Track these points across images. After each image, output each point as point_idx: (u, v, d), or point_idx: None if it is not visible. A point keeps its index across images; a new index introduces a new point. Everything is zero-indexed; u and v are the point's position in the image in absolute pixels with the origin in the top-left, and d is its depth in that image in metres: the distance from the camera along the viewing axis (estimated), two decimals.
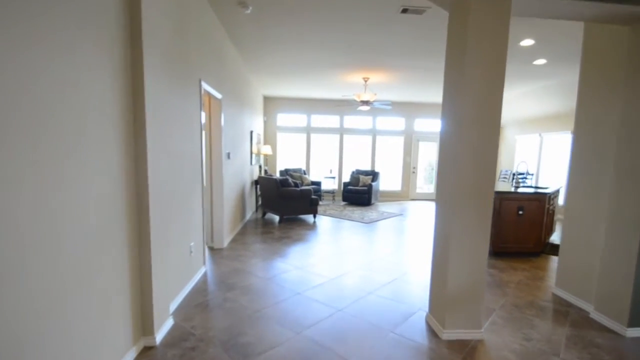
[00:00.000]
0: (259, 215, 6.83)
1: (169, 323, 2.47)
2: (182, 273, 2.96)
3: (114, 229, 1.84)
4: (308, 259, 4.05)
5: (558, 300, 3.04)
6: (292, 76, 6.63)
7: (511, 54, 4.78)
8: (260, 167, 7.12)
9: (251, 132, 6.76)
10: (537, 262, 4.08)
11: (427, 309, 2.74)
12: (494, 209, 4.15)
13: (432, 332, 2.40)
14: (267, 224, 5.96)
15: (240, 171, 5.71)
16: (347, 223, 6.24)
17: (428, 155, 9.97)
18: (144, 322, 2.22)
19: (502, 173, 8.34)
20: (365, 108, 6.88)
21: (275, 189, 5.89)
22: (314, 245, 4.64)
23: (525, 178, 7.20)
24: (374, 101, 6.85)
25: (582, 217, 2.95)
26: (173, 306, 2.71)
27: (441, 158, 2.43)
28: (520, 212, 4.11)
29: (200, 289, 3.11)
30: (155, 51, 2.17)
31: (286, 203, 5.98)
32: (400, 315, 2.64)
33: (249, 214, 6.66)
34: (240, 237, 5.03)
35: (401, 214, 7.35)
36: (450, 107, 2.30)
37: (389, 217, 6.91)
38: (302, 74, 6.44)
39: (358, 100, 6.78)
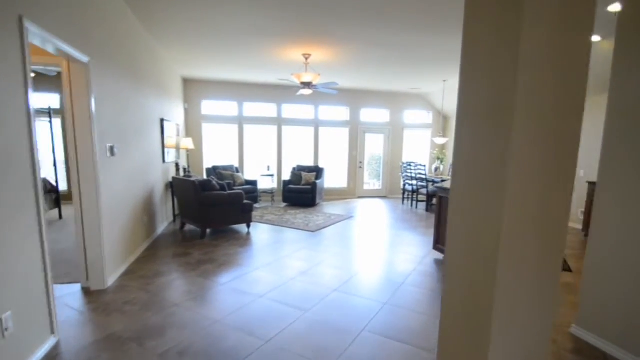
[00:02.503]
0: (178, 226, 5.34)
1: None
2: None
3: None
4: (236, 299, 2.84)
5: (586, 348, 2.21)
6: (215, 50, 5.21)
7: None
8: (177, 165, 5.61)
9: (161, 121, 5.20)
10: None
11: None
12: None
13: None
14: (185, 240, 4.55)
15: (142, 172, 4.20)
16: (289, 233, 5.12)
17: (374, 149, 9.31)
18: None
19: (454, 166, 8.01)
20: (307, 92, 5.79)
21: (194, 194, 4.49)
22: (246, 273, 3.43)
23: None
24: (318, 84, 5.79)
25: (619, 231, 2.15)
26: None
27: (461, 173, 1.38)
28: None
29: None
30: None
31: (210, 212, 4.63)
32: None
33: (163, 227, 5.14)
34: (140, 265, 3.58)
35: (351, 216, 6.47)
36: (482, 85, 1.25)
37: (338, 222, 5.97)
38: (228, 48, 5.07)
39: (298, 82, 5.65)
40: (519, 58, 1.09)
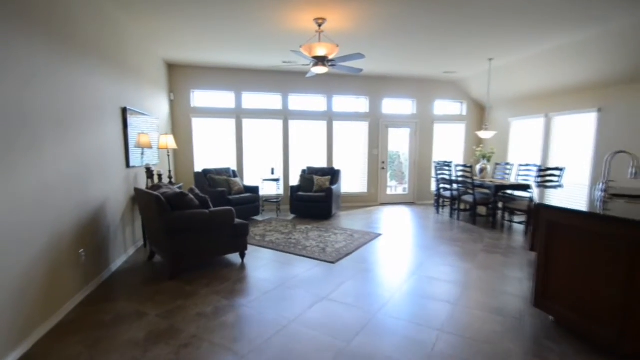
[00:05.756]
0: (147, 255, 3.90)
1: None
2: None
3: None
4: None
5: None
6: (201, 18, 3.74)
7: None
8: (149, 170, 4.19)
9: (124, 111, 3.78)
10: None
11: None
12: (620, 259, 1.88)
13: None
14: (147, 283, 3.10)
15: (77, 182, 2.76)
16: (300, 265, 3.62)
17: (396, 145, 7.76)
18: None
19: (502, 167, 6.42)
20: (321, 70, 4.28)
21: (158, 216, 3.03)
22: None
23: (557, 175, 5.11)
24: (336, 58, 4.28)
25: None
26: None
27: None
28: None
29: None
30: None
31: (183, 240, 3.17)
32: None
33: (125, 257, 3.70)
34: (53, 340, 2.13)
35: (378, 234, 4.95)
36: None
37: (364, 243, 4.45)
38: (219, 13, 3.59)
39: (309, 57, 4.16)
40: None
